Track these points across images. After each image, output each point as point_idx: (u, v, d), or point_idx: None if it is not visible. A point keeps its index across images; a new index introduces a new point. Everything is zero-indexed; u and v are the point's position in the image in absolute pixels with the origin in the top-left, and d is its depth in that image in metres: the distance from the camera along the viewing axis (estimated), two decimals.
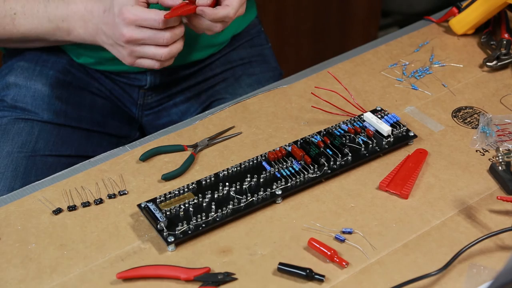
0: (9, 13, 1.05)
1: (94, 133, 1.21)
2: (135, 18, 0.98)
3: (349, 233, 0.88)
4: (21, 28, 1.06)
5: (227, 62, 1.28)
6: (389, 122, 1.03)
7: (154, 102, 1.26)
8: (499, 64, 1.17)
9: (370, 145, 1.00)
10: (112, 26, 1.00)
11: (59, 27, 1.05)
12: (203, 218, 0.88)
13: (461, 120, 1.08)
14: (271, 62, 1.35)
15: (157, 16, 0.98)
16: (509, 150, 0.96)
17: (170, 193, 0.92)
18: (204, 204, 0.91)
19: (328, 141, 1.00)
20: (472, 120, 1.07)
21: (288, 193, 0.93)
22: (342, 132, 1.02)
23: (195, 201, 0.91)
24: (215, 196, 0.92)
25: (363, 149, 0.99)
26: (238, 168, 0.96)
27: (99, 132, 1.21)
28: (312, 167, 0.96)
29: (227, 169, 0.96)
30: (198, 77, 1.27)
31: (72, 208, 0.92)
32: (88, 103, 1.22)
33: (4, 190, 1.05)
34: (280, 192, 0.92)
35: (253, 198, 0.91)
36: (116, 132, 1.25)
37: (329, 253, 0.85)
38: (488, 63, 1.17)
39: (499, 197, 0.92)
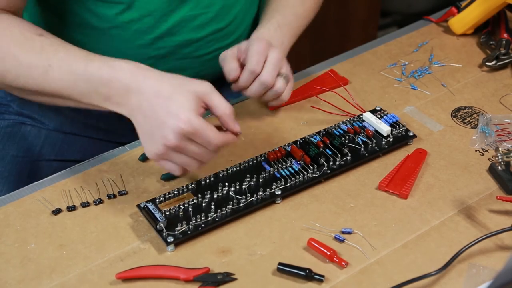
0: (44, 63, 0.90)
1: (99, 140, 1.20)
2: (192, 131, 0.85)
3: (349, 233, 0.88)
4: (53, 84, 0.90)
5: None
6: (388, 122, 1.03)
7: None
8: (498, 64, 1.18)
9: (370, 145, 1.00)
10: (160, 120, 0.85)
11: (97, 91, 0.89)
12: (203, 218, 0.88)
13: (461, 120, 1.08)
14: None
15: (215, 138, 0.86)
16: (508, 150, 0.96)
17: (169, 193, 0.92)
18: (203, 204, 0.91)
19: (328, 141, 1.00)
20: (471, 120, 1.07)
21: (287, 193, 0.93)
22: (342, 132, 1.02)
23: (195, 201, 0.91)
24: (215, 196, 0.92)
25: (362, 149, 0.99)
26: (238, 168, 0.96)
27: (104, 140, 1.21)
28: (311, 167, 0.96)
29: (227, 169, 0.96)
30: (201, 78, 1.26)
31: (71, 208, 0.92)
32: (94, 112, 1.21)
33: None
34: (279, 192, 0.92)
35: (253, 198, 0.91)
36: (121, 139, 1.24)
37: (328, 253, 0.84)
38: (487, 63, 1.17)
39: (498, 197, 0.91)
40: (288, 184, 0.94)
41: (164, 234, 0.86)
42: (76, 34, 1.07)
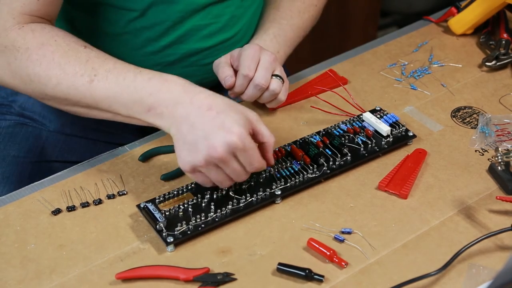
0: (89, 73, 0.90)
1: (100, 142, 1.20)
2: (242, 147, 0.84)
3: (349, 233, 0.88)
4: (96, 93, 0.90)
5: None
6: (388, 122, 1.03)
7: None
8: (498, 64, 1.18)
9: (369, 145, 1.00)
10: (210, 131, 0.85)
11: (142, 101, 0.88)
12: (202, 218, 0.88)
13: (460, 120, 1.08)
14: None
15: (257, 160, 0.87)
16: (508, 150, 0.96)
17: (169, 193, 0.92)
18: (203, 204, 0.91)
19: (327, 141, 1.00)
20: (471, 120, 1.07)
21: (287, 193, 0.93)
22: (341, 132, 1.02)
23: (194, 201, 0.91)
24: (214, 196, 0.92)
25: (362, 149, 0.99)
26: None
27: (104, 142, 1.21)
28: (311, 167, 0.96)
29: None
30: (204, 85, 1.26)
31: (71, 208, 0.92)
32: None
33: None
34: (279, 192, 0.92)
35: (253, 198, 0.91)
36: (121, 141, 1.24)
37: (328, 253, 0.84)
38: (487, 63, 1.17)
39: (498, 197, 0.91)
40: (288, 184, 0.94)
41: (164, 234, 0.86)
42: (85, 38, 1.07)
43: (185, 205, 0.90)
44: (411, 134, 1.02)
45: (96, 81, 0.90)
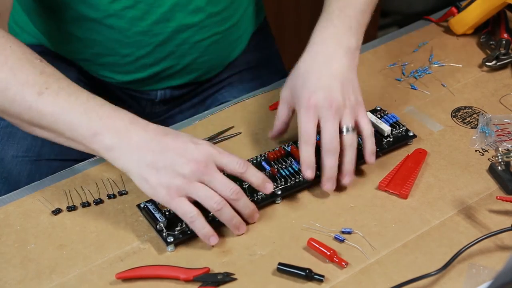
0: (41, 85, 0.86)
1: None
2: (217, 152, 0.86)
3: (349, 233, 0.88)
4: (43, 106, 0.85)
5: (234, 67, 1.27)
6: (388, 122, 1.03)
7: (162, 111, 1.26)
8: (498, 64, 1.18)
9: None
10: (180, 149, 0.84)
11: (89, 124, 0.85)
12: None
13: (461, 120, 1.08)
14: (277, 64, 1.34)
15: (239, 159, 0.87)
16: (508, 150, 0.96)
17: None
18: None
19: None
20: (471, 120, 1.07)
21: (287, 193, 0.93)
22: None
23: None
24: None
25: (362, 149, 0.99)
26: None
27: None
28: None
29: None
30: (205, 85, 1.26)
31: (71, 208, 0.92)
32: None
33: None
34: (279, 192, 0.92)
35: (253, 198, 0.91)
36: None
37: (328, 253, 0.84)
38: (487, 63, 1.17)
39: (498, 197, 0.91)
40: (288, 184, 0.94)
41: (164, 234, 0.86)
42: (73, 28, 1.07)
43: None
44: (412, 134, 1.02)
45: (46, 95, 0.86)
